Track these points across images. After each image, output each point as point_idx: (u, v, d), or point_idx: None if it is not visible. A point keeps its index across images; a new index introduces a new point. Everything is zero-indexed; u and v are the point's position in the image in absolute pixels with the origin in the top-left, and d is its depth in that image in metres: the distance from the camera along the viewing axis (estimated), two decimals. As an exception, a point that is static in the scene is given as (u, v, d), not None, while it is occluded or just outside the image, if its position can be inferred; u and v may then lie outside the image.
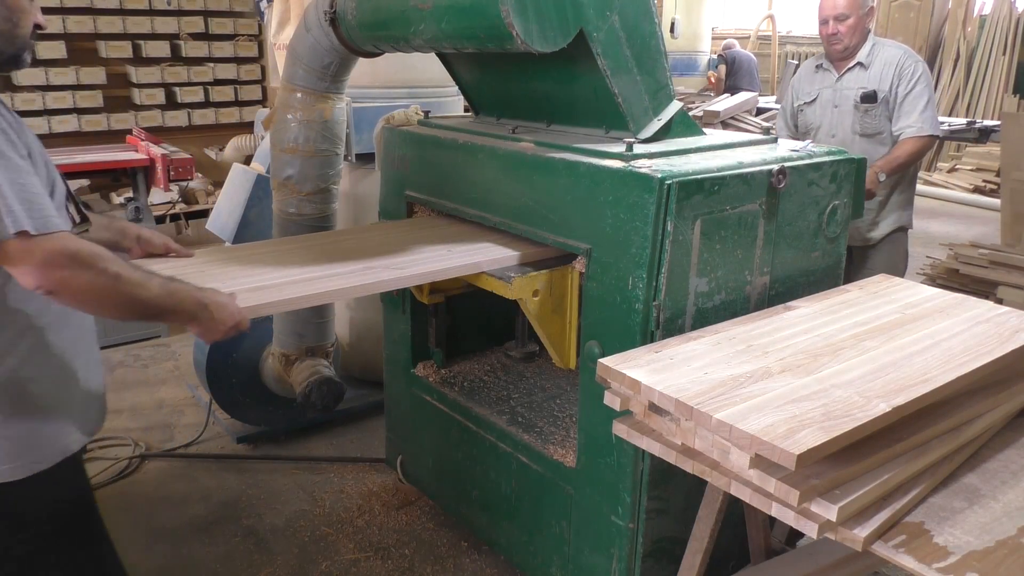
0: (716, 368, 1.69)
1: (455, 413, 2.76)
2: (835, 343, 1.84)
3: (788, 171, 2.15)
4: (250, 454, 3.63)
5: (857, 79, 3.57)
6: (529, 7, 1.99)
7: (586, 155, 2.14)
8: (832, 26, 3.52)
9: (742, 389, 1.59)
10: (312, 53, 2.84)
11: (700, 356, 1.76)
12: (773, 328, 1.94)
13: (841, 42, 3.52)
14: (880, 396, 1.56)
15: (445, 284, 2.77)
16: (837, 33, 3.51)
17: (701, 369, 1.69)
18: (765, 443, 1.40)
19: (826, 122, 3.68)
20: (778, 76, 10.39)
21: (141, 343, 4.87)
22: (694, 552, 1.91)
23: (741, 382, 1.62)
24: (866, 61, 3.55)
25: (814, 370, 1.69)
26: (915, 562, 1.39)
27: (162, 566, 2.88)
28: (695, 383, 1.61)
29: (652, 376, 1.65)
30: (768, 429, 1.43)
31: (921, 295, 2.22)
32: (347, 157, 3.56)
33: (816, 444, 1.38)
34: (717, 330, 1.93)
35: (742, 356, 1.76)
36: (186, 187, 6.14)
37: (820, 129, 3.71)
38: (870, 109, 3.53)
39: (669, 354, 1.77)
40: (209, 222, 3.81)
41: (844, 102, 3.61)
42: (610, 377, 1.71)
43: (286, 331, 3.30)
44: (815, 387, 1.60)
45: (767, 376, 1.65)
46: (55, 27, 6.31)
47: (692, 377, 1.64)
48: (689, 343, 1.84)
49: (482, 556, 2.92)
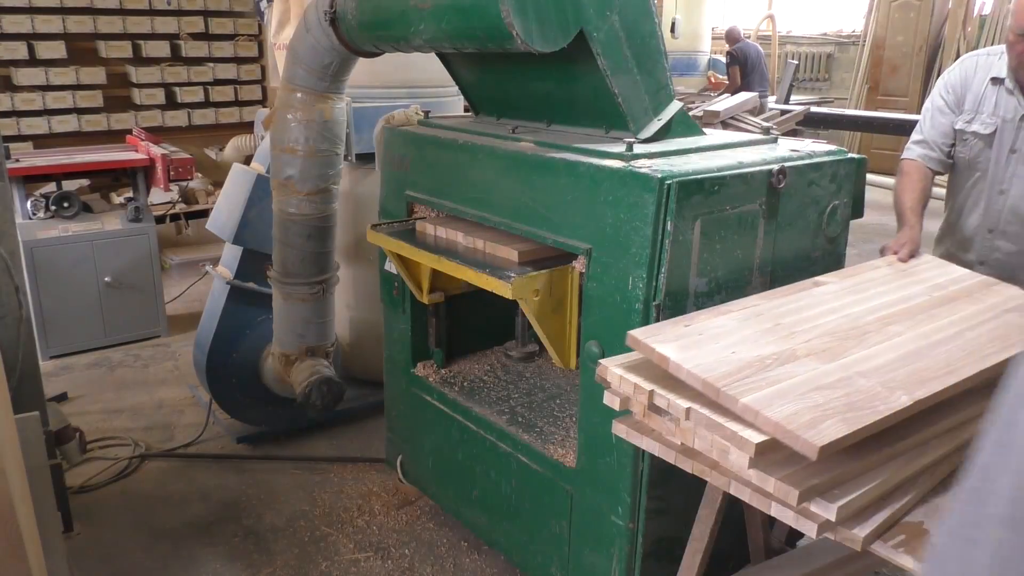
0: (743, 347, 1.69)
1: (455, 413, 2.76)
2: (861, 326, 1.83)
3: (788, 171, 2.15)
4: (250, 454, 3.63)
5: None
6: (529, 7, 1.99)
7: (586, 155, 2.14)
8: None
9: (768, 372, 1.59)
10: (312, 53, 2.84)
11: (728, 333, 1.76)
12: (801, 305, 1.94)
13: None
14: (902, 387, 1.56)
15: (445, 284, 2.78)
16: None
17: (729, 348, 1.68)
18: (789, 432, 1.40)
19: (997, 170, 2.58)
20: (778, 76, 10.38)
21: (141, 343, 4.87)
22: (694, 552, 1.91)
23: (767, 364, 1.62)
24: None
25: (839, 355, 1.68)
26: (915, 562, 1.39)
27: (162, 566, 2.88)
28: (722, 363, 1.61)
29: (681, 353, 1.64)
30: (792, 417, 1.43)
31: (950, 276, 2.19)
32: (347, 157, 3.56)
33: (838, 436, 1.39)
34: (746, 304, 1.93)
35: (769, 335, 1.75)
36: (186, 187, 6.13)
37: (983, 176, 2.62)
38: None
39: (698, 329, 1.76)
40: (209, 222, 3.81)
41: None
42: (639, 348, 1.70)
43: (286, 331, 3.30)
44: (839, 374, 1.61)
45: (792, 359, 1.65)
46: (55, 27, 6.31)
47: (719, 356, 1.64)
48: (719, 317, 1.84)
49: (482, 556, 2.92)
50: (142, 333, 4.91)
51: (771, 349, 1.68)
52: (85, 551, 2.94)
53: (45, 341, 4.52)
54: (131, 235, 4.75)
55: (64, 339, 4.64)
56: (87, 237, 4.62)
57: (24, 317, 2.37)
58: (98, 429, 3.82)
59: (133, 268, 4.78)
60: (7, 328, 2.33)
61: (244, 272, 3.60)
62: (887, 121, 8.31)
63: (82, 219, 4.64)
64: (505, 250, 2.32)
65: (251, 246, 3.57)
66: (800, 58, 12.04)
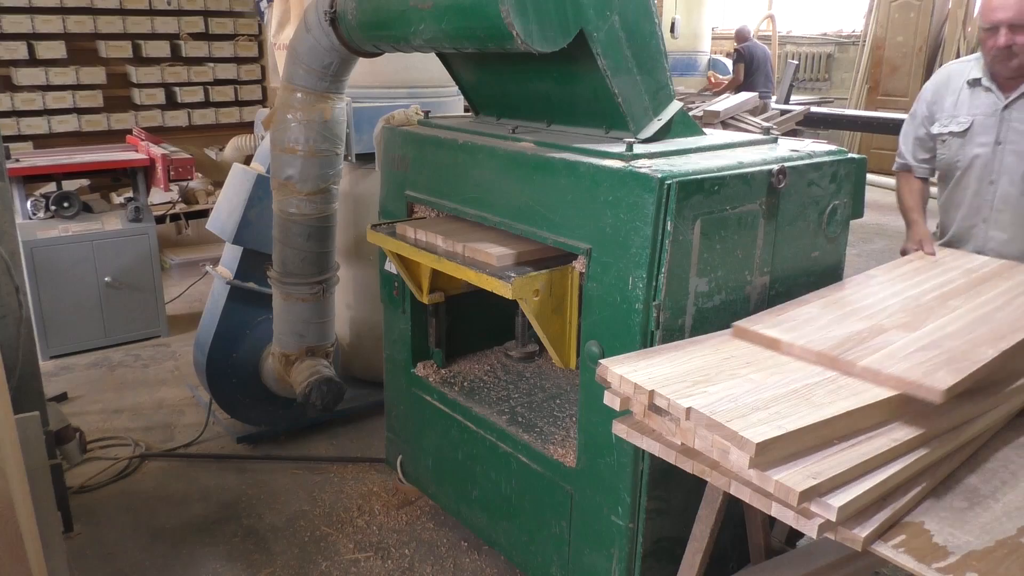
0: (836, 327, 1.92)
1: (455, 413, 2.76)
2: (924, 303, 2.10)
3: (788, 171, 2.15)
4: (250, 454, 3.63)
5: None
6: (529, 7, 1.99)
7: (586, 155, 2.14)
8: (1005, 36, 2.52)
9: (867, 343, 1.81)
10: (312, 53, 2.84)
11: (816, 318, 2.00)
12: (867, 292, 2.20)
13: (1017, 57, 2.55)
14: (984, 344, 1.79)
15: (445, 284, 2.78)
16: (1012, 46, 2.53)
17: (823, 328, 1.92)
18: (912, 383, 1.62)
19: (979, 163, 2.73)
20: (778, 76, 10.38)
21: (141, 343, 4.87)
22: (694, 552, 1.91)
23: (864, 337, 1.85)
24: None
25: (919, 326, 1.92)
26: (915, 562, 1.39)
27: (162, 566, 2.88)
28: (825, 339, 1.84)
29: (788, 334, 1.88)
30: (908, 371, 1.65)
31: (974, 262, 2.50)
32: (347, 157, 3.56)
33: (956, 380, 1.59)
34: (820, 295, 2.18)
35: (852, 317, 2.00)
36: (186, 187, 6.13)
37: (970, 171, 2.76)
38: None
39: (790, 316, 2.02)
40: (209, 222, 3.81)
41: (1015, 139, 2.65)
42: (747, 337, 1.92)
43: (286, 331, 3.30)
44: (927, 339, 1.83)
45: (882, 332, 1.89)
46: (55, 27, 6.31)
47: (820, 334, 1.87)
48: (803, 307, 2.09)
49: (482, 556, 2.92)
50: (142, 333, 4.91)
51: (860, 326, 1.93)
52: (85, 551, 2.94)
53: (45, 341, 4.52)
54: (131, 235, 4.75)
55: (64, 339, 4.64)
56: (87, 237, 4.62)
57: (24, 317, 2.37)
58: (98, 429, 3.82)
59: (133, 268, 4.78)
60: (7, 328, 2.33)
61: (244, 272, 3.60)
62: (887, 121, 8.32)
63: (82, 219, 4.64)
64: (484, 254, 2.28)
65: (251, 246, 3.57)
66: (800, 58, 12.04)
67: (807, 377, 1.72)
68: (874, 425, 1.62)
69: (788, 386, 1.67)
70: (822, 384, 1.69)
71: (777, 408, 1.57)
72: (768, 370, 1.75)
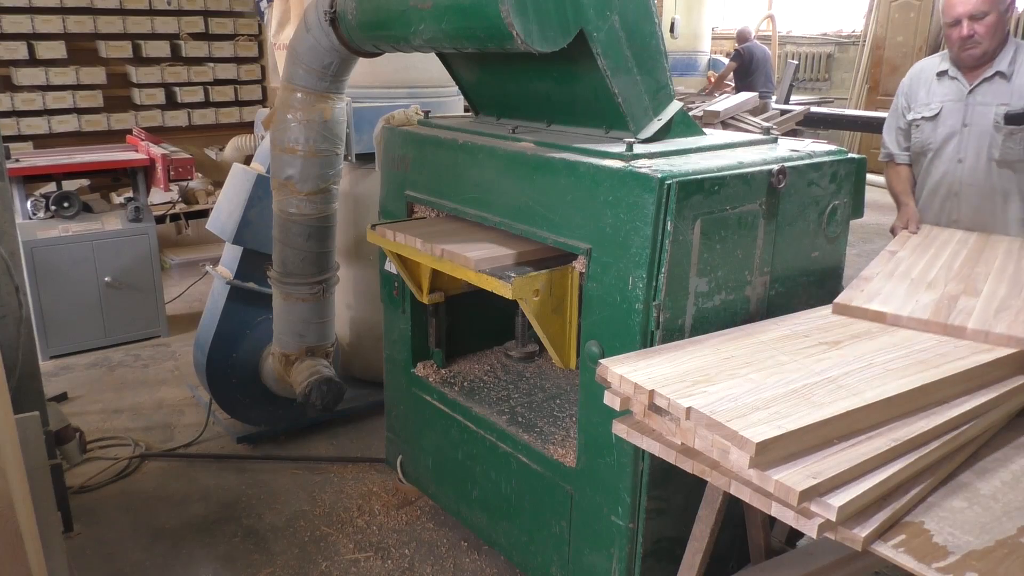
0: (918, 295, 2.14)
1: (455, 413, 2.76)
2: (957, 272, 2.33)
3: (788, 171, 2.15)
4: (250, 454, 3.63)
5: (996, 93, 2.92)
6: (529, 7, 1.99)
7: (586, 155, 2.14)
8: (967, 27, 2.86)
9: (956, 307, 2.05)
10: (312, 53, 2.84)
11: (893, 291, 2.18)
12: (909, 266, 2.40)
13: (979, 46, 2.87)
14: None
15: (445, 284, 2.78)
16: (974, 35, 2.86)
17: (910, 298, 2.12)
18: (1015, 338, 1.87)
19: (952, 144, 3.02)
20: (778, 76, 10.38)
21: (141, 343, 4.87)
22: (694, 552, 1.91)
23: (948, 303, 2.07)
24: (1007, 70, 2.90)
25: (975, 292, 2.15)
26: (915, 562, 1.39)
27: (162, 566, 2.88)
28: (921, 308, 2.05)
29: (888, 306, 2.07)
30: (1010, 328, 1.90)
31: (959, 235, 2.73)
32: (347, 157, 3.56)
33: None
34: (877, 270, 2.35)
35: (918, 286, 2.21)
36: (186, 187, 6.13)
37: (942, 152, 3.05)
38: (1016, 132, 2.87)
39: (874, 289, 2.20)
40: (209, 222, 3.81)
41: (978, 121, 2.95)
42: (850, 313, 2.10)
43: (286, 331, 3.30)
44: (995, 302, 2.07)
45: (957, 297, 2.11)
46: (55, 27, 6.32)
47: (913, 305, 2.07)
48: (873, 282, 2.26)
49: (482, 556, 2.92)
50: (142, 333, 4.91)
51: (935, 294, 2.14)
52: (85, 551, 2.94)
53: (45, 341, 4.52)
54: (131, 235, 4.75)
55: (64, 339, 4.64)
56: (87, 237, 4.62)
57: (24, 317, 2.37)
58: (98, 429, 3.82)
59: (133, 268, 4.78)
60: (7, 328, 2.33)
61: (244, 272, 3.60)
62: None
63: (82, 219, 4.64)
64: (463, 258, 2.24)
65: (251, 246, 3.57)
66: (800, 58, 12.04)
67: (807, 377, 1.72)
68: (874, 425, 1.62)
69: (788, 386, 1.67)
70: (822, 384, 1.69)
71: (777, 408, 1.57)
72: (768, 370, 1.76)
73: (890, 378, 1.71)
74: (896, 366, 1.78)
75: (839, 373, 1.74)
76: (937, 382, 1.72)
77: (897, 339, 1.95)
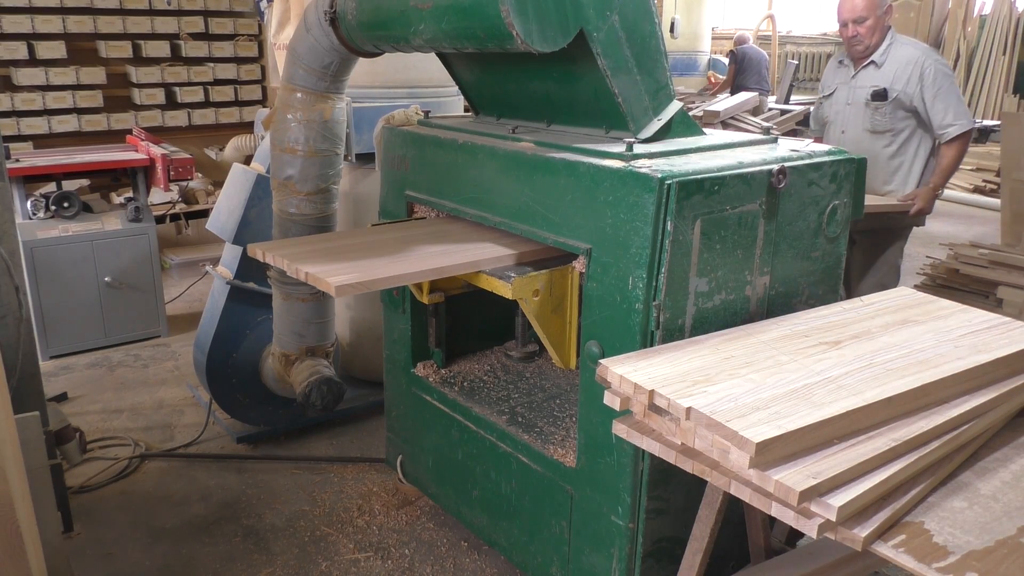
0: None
1: (455, 413, 2.76)
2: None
3: (788, 171, 2.15)
4: (250, 454, 3.63)
5: (871, 77, 3.68)
6: (529, 7, 1.99)
7: (586, 155, 2.14)
8: (851, 28, 3.62)
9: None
10: (312, 53, 2.84)
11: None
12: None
13: (862, 43, 3.63)
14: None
15: (445, 284, 2.77)
16: (857, 35, 3.61)
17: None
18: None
19: (839, 118, 3.81)
20: (778, 76, 10.39)
21: (141, 343, 4.87)
22: (694, 552, 1.91)
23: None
24: (880, 60, 3.65)
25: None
26: (915, 562, 1.39)
27: (162, 566, 2.88)
28: None
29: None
30: None
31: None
32: (347, 157, 3.56)
33: None
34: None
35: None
36: (186, 187, 6.14)
37: (833, 124, 3.85)
38: (880, 107, 3.64)
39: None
40: (209, 222, 3.81)
41: (856, 99, 3.73)
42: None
43: (286, 331, 3.30)
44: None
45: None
46: (55, 27, 6.32)
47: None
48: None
49: (482, 556, 2.92)
50: (142, 333, 4.91)
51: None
52: (85, 551, 2.94)
53: (45, 341, 4.52)
54: (131, 235, 4.75)
55: (64, 339, 4.64)
56: (87, 237, 4.62)
57: (24, 317, 2.37)
58: (98, 429, 3.82)
59: (133, 268, 4.78)
60: (7, 328, 2.33)
61: (244, 272, 3.60)
62: (887, 121, 8.30)
63: (82, 219, 4.64)
64: (324, 283, 2.09)
65: (251, 246, 3.57)
66: (800, 58, 12.05)
67: (807, 377, 1.72)
68: (874, 425, 1.62)
69: (788, 386, 1.67)
70: (822, 384, 1.69)
71: (777, 408, 1.57)
72: (768, 370, 1.76)
73: (890, 378, 1.71)
74: (896, 366, 1.78)
75: (839, 373, 1.74)
76: (937, 382, 1.72)
77: (897, 339, 1.95)
